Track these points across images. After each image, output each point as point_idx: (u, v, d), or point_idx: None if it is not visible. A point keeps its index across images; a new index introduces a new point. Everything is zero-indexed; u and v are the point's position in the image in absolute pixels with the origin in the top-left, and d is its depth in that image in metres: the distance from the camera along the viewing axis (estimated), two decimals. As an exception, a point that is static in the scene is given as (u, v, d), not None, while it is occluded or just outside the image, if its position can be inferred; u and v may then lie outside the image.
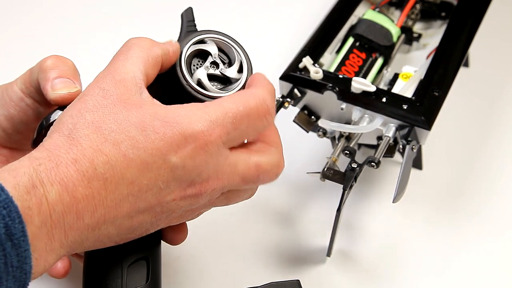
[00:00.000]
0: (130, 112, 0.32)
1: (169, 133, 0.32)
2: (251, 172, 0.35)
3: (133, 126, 0.32)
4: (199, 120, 0.32)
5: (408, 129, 0.48)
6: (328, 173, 0.47)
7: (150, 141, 0.32)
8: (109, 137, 0.31)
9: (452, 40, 0.55)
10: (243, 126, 0.34)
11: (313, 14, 0.63)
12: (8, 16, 0.79)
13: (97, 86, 0.34)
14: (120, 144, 0.31)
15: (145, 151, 0.31)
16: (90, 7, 0.80)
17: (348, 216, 0.54)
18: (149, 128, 0.32)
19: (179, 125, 0.32)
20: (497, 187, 0.57)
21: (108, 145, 0.31)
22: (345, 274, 0.51)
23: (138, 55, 0.35)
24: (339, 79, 0.51)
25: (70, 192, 0.30)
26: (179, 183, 0.33)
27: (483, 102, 0.65)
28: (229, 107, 0.33)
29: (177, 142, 0.32)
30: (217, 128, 0.33)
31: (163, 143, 0.32)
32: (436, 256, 0.52)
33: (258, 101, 0.34)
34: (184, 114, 0.32)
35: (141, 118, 0.32)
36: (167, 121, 0.32)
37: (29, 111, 0.40)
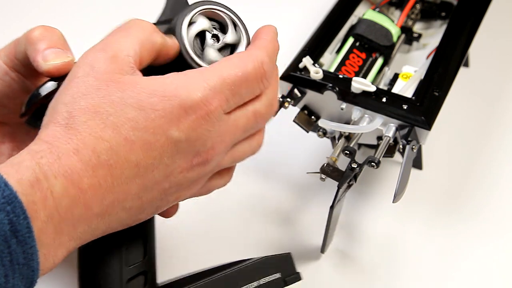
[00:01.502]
0: (125, 92, 0.31)
1: (169, 108, 0.31)
2: (250, 122, 0.35)
3: (131, 107, 0.31)
4: (198, 89, 0.32)
5: (408, 129, 0.48)
6: (327, 169, 0.47)
7: (150, 119, 0.31)
8: (107, 121, 0.30)
9: (452, 40, 0.55)
10: (241, 91, 0.33)
11: (313, 14, 0.63)
12: (8, 16, 0.79)
13: (88, 63, 0.32)
14: (120, 128, 0.30)
15: (147, 131, 0.31)
16: (89, 6, 0.80)
17: (348, 215, 0.54)
18: (147, 106, 0.31)
19: (177, 97, 0.31)
20: (497, 187, 0.57)
21: (108, 130, 0.30)
22: (344, 273, 0.51)
23: (136, 35, 0.34)
24: (339, 79, 0.51)
25: (76, 184, 0.29)
26: (185, 155, 0.32)
27: (483, 102, 0.65)
28: (227, 73, 0.33)
29: (177, 115, 0.31)
30: (217, 96, 0.32)
31: (164, 120, 0.31)
32: (436, 256, 0.52)
33: (256, 64, 0.34)
34: (182, 85, 0.32)
35: (137, 97, 0.31)
36: (165, 95, 0.31)
37: (14, 84, 0.39)
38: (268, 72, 0.35)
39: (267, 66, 0.35)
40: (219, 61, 0.34)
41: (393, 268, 0.51)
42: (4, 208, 0.27)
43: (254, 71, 0.34)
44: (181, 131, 0.31)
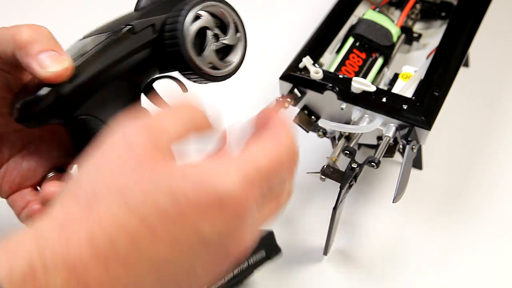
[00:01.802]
0: (158, 175, 0.27)
1: (203, 199, 0.27)
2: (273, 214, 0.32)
3: (162, 194, 0.27)
4: (235, 180, 0.27)
5: (408, 129, 0.48)
6: (328, 170, 0.47)
7: (181, 212, 0.27)
8: (134, 208, 0.26)
9: (452, 40, 0.55)
10: (276, 182, 0.30)
11: (313, 14, 0.63)
12: (8, 16, 0.79)
13: (127, 140, 0.28)
14: (147, 218, 0.26)
15: (175, 224, 0.27)
16: (89, 6, 0.80)
17: (348, 215, 0.54)
18: (180, 195, 0.27)
19: (213, 187, 0.27)
20: (497, 187, 0.57)
21: (134, 219, 0.26)
22: (344, 273, 0.51)
23: (185, 122, 0.30)
24: (339, 79, 0.51)
25: (80, 278, 0.25)
26: (213, 255, 0.29)
27: (483, 102, 0.65)
28: (263, 162, 0.29)
29: (212, 209, 0.27)
30: (253, 189, 0.28)
31: (196, 213, 0.27)
32: (436, 256, 0.52)
33: (289, 149, 0.30)
34: (218, 173, 0.28)
35: (170, 183, 0.27)
36: (200, 184, 0.27)
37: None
38: (298, 152, 0.32)
39: (297, 148, 0.31)
40: (250, 145, 0.30)
41: (393, 268, 0.51)
42: None
43: (288, 157, 0.30)
44: (213, 227, 0.27)
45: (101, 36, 0.38)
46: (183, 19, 0.36)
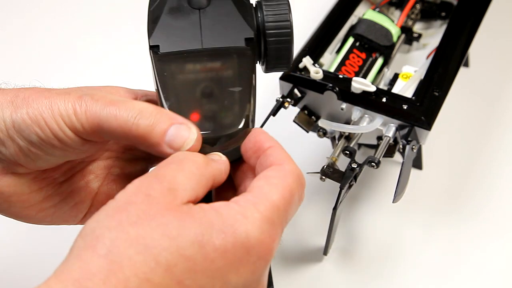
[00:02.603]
0: (183, 223, 0.26)
1: (231, 249, 0.26)
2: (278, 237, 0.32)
3: (189, 242, 0.25)
4: (258, 225, 0.27)
5: (408, 129, 0.48)
6: (328, 171, 0.47)
7: (209, 261, 0.26)
8: (159, 258, 0.25)
9: (452, 40, 0.55)
10: (291, 214, 0.30)
11: (313, 14, 0.63)
12: (8, 16, 0.79)
13: (141, 191, 0.27)
14: (174, 268, 0.25)
15: (203, 274, 0.26)
16: (89, 6, 0.80)
17: (348, 215, 0.54)
18: (208, 244, 0.26)
19: (240, 236, 0.26)
20: (497, 187, 0.57)
21: (159, 270, 0.25)
22: (344, 273, 0.51)
23: (192, 171, 0.29)
24: (339, 79, 0.51)
25: None
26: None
27: (483, 102, 0.65)
28: (279, 200, 0.29)
29: (239, 258, 0.27)
30: (275, 229, 0.28)
31: (224, 262, 0.26)
32: (435, 256, 0.52)
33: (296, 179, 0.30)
34: (242, 221, 0.27)
35: (196, 231, 0.26)
36: (226, 233, 0.26)
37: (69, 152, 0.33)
38: (304, 180, 0.32)
39: (302, 174, 0.32)
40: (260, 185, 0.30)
41: (393, 268, 0.51)
42: None
43: (297, 186, 0.30)
44: (240, 276, 0.27)
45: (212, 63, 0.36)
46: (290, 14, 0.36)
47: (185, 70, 0.35)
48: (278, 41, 0.37)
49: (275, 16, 0.37)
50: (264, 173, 0.31)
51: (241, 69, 0.36)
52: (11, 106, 0.33)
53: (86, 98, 0.32)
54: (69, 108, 0.32)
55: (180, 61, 0.35)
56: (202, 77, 0.35)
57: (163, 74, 0.35)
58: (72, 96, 0.32)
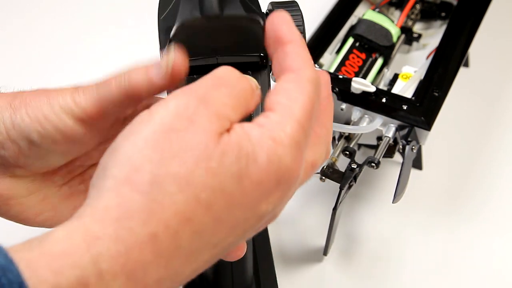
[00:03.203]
0: (225, 157, 0.25)
1: (265, 181, 0.26)
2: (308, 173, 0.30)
3: (230, 178, 0.25)
4: (288, 152, 0.26)
5: (408, 129, 0.48)
6: (327, 171, 0.47)
7: (245, 194, 0.25)
8: (202, 196, 0.24)
9: (452, 40, 0.55)
10: (310, 128, 0.29)
11: (313, 14, 0.63)
12: (8, 16, 0.79)
13: (185, 116, 0.26)
14: (214, 206, 0.25)
15: (239, 208, 0.26)
16: (89, 6, 0.80)
17: (348, 216, 0.55)
18: (245, 177, 0.25)
19: (271, 164, 0.26)
20: (497, 187, 0.57)
21: (200, 209, 0.24)
22: (344, 273, 0.51)
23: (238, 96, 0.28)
24: (339, 80, 0.51)
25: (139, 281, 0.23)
26: (262, 222, 0.28)
27: (483, 102, 0.65)
28: (302, 117, 0.27)
29: (270, 187, 0.26)
30: (301, 152, 0.27)
31: (258, 193, 0.26)
32: (435, 256, 0.52)
33: (315, 86, 0.29)
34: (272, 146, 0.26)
35: (235, 165, 0.25)
36: (261, 163, 0.26)
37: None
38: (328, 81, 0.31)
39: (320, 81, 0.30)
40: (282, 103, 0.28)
41: (393, 268, 0.51)
42: None
43: (315, 92, 0.29)
44: (269, 204, 0.27)
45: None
46: (303, 26, 0.36)
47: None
48: None
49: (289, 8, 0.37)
50: (282, 84, 0.29)
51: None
52: (10, 108, 0.33)
53: (81, 88, 0.33)
54: (68, 99, 0.32)
55: (194, 78, 0.35)
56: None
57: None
58: (69, 89, 0.33)
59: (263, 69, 0.36)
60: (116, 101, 0.32)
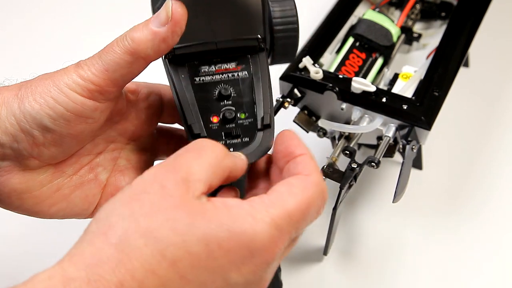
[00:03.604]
0: (193, 220, 0.27)
1: (235, 248, 0.27)
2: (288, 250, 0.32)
3: (195, 240, 0.26)
4: (266, 230, 0.28)
5: (408, 129, 0.48)
6: (328, 171, 0.47)
7: (212, 258, 0.27)
8: (166, 252, 0.26)
9: (452, 40, 0.55)
10: (303, 226, 0.30)
11: (313, 14, 0.63)
12: (8, 16, 0.79)
13: (156, 181, 0.28)
14: (178, 263, 0.26)
15: (206, 270, 0.27)
16: (89, 6, 0.80)
17: (348, 216, 0.54)
18: (213, 242, 0.27)
19: (245, 236, 0.27)
20: (497, 187, 0.57)
21: (164, 264, 0.26)
22: (344, 273, 0.51)
23: (208, 160, 0.30)
24: (339, 79, 0.51)
25: None
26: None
27: (483, 102, 0.65)
28: (294, 210, 0.29)
29: (242, 259, 0.27)
30: (283, 236, 0.29)
31: (227, 260, 0.27)
32: (435, 256, 0.52)
33: (319, 193, 0.31)
34: (249, 221, 0.28)
35: (205, 230, 0.27)
36: (233, 232, 0.27)
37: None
38: (326, 194, 0.32)
39: (326, 189, 0.32)
40: (281, 190, 0.30)
41: (393, 268, 0.51)
42: None
43: (317, 201, 0.31)
44: (241, 275, 0.28)
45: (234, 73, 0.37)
46: (296, 9, 0.37)
47: (201, 73, 0.36)
48: (285, 36, 0.38)
49: (282, 12, 0.38)
50: (289, 180, 0.31)
51: (256, 69, 0.36)
52: (17, 99, 0.34)
53: (83, 62, 0.34)
54: (73, 76, 0.33)
55: (195, 64, 0.36)
56: (218, 79, 0.36)
57: (179, 77, 0.35)
58: (71, 67, 0.34)
59: (261, 51, 0.37)
60: (123, 63, 0.33)
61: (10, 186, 0.35)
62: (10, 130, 0.34)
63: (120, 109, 0.39)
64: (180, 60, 0.36)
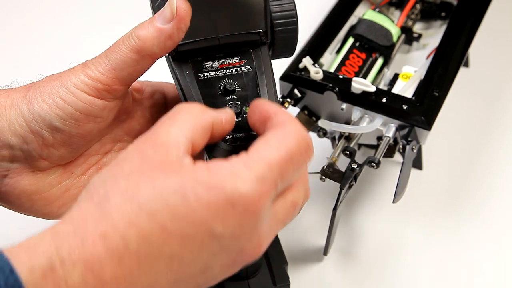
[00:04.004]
0: (168, 176, 0.28)
1: (214, 200, 0.27)
2: (290, 213, 0.32)
3: (172, 193, 0.27)
4: (246, 181, 0.28)
5: (408, 129, 0.48)
6: (328, 171, 0.47)
7: (191, 209, 0.27)
8: (144, 206, 0.27)
9: (452, 40, 0.55)
10: (289, 174, 0.30)
11: (313, 14, 0.63)
12: (7, 16, 0.79)
13: (136, 149, 0.30)
14: (157, 214, 0.27)
15: (187, 221, 0.27)
16: (89, 6, 0.80)
17: (348, 216, 0.54)
18: (191, 195, 0.27)
19: (224, 189, 0.27)
20: (497, 187, 0.57)
21: (143, 215, 0.27)
22: (344, 273, 0.51)
23: (185, 120, 0.31)
24: (339, 79, 0.51)
25: (96, 274, 0.26)
26: (228, 252, 0.29)
27: (483, 102, 0.65)
28: (272, 158, 0.29)
29: (223, 210, 0.27)
30: (265, 186, 0.28)
31: (207, 212, 0.27)
32: (436, 255, 0.52)
33: (297, 139, 0.30)
34: (228, 176, 0.28)
35: (181, 183, 0.28)
36: (211, 186, 0.28)
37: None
38: (310, 142, 0.31)
39: (306, 135, 0.31)
40: (258, 146, 0.30)
41: (393, 268, 0.51)
42: None
43: (298, 147, 0.30)
44: (225, 226, 0.28)
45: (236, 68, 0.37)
46: (294, 3, 0.37)
47: (205, 69, 0.36)
48: (285, 30, 0.38)
49: (281, 6, 0.38)
50: (265, 135, 0.31)
51: (259, 63, 0.36)
52: (25, 100, 0.34)
53: (90, 62, 0.35)
54: (81, 76, 0.34)
55: (199, 60, 0.36)
56: (223, 74, 0.36)
57: (183, 74, 0.35)
58: (78, 67, 0.35)
59: (262, 45, 0.37)
60: (130, 61, 0.34)
61: (20, 187, 0.36)
62: (19, 132, 0.34)
63: (127, 107, 0.39)
64: (183, 56, 0.36)
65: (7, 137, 0.34)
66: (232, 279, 0.43)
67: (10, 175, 0.35)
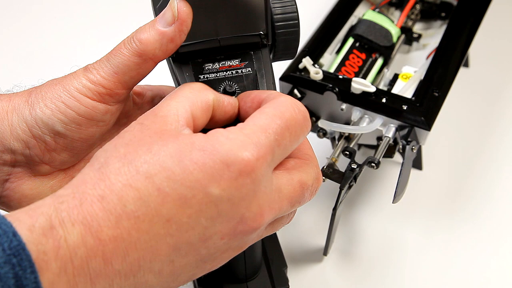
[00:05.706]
0: (166, 142, 0.29)
1: (209, 163, 0.28)
2: (297, 192, 0.32)
3: (169, 156, 0.28)
4: (241, 145, 0.28)
5: (408, 129, 0.48)
6: (328, 171, 0.47)
7: (187, 172, 0.28)
8: (141, 169, 0.28)
9: (452, 40, 0.55)
10: (286, 141, 0.30)
11: (313, 14, 0.63)
12: (7, 16, 0.79)
13: (138, 122, 0.31)
14: (154, 177, 0.27)
15: (183, 184, 0.28)
16: (89, 6, 0.80)
17: (348, 216, 0.55)
18: (186, 158, 0.28)
19: (219, 152, 0.28)
20: (497, 187, 0.57)
21: (140, 178, 0.27)
22: (344, 273, 0.51)
23: (186, 95, 0.31)
24: (339, 80, 0.51)
25: (94, 233, 0.26)
26: (227, 219, 0.29)
27: (483, 102, 0.65)
28: (267, 123, 0.30)
29: (218, 171, 0.28)
30: (262, 149, 0.29)
31: (203, 174, 0.28)
32: (435, 256, 0.52)
33: (291, 108, 0.31)
34: (225, 140, 0.29)
35: (177, 148, 0.28)
36: (206, 150, 0.28)
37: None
38: (306, 112, 0.32)
39: (302, 106, 0.32)
40: (254, 115, 0.31)
41: (393, 268, 0.51)
42: (10, 260, 0.24)
43: (292, 115, 0.31)
44: (222, 189, 0.28)
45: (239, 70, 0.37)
46: (296, 5, 0.37)
47: (205, 71, 0.36)
48: (286, 32, 0.38)
49: (283, 8, 0.38)
50: (260, 108, 0.32)
51: (259, 65, 0.36)
52: (27, 105, 0.34)
53: (91, 66, 0.35)
54: (83, 80, 0.34)
55: (199, 62, 0.36)
56: (223, 76, 0.36)
57: (184, 75, 0.35)
58: (80, 71, 0.35)
59: (263, 47, 0.37)
60: (132, 65, 0.34)
61: (21, 192, 0.36)
62: (22, 137, 0.34)
63: (127, 111, 0.39)
64: (184, 58, 0.36)
65: (9, 142, 0.34)
66: (231, 281, 0.43)
67: (11, 180, 0.36)
